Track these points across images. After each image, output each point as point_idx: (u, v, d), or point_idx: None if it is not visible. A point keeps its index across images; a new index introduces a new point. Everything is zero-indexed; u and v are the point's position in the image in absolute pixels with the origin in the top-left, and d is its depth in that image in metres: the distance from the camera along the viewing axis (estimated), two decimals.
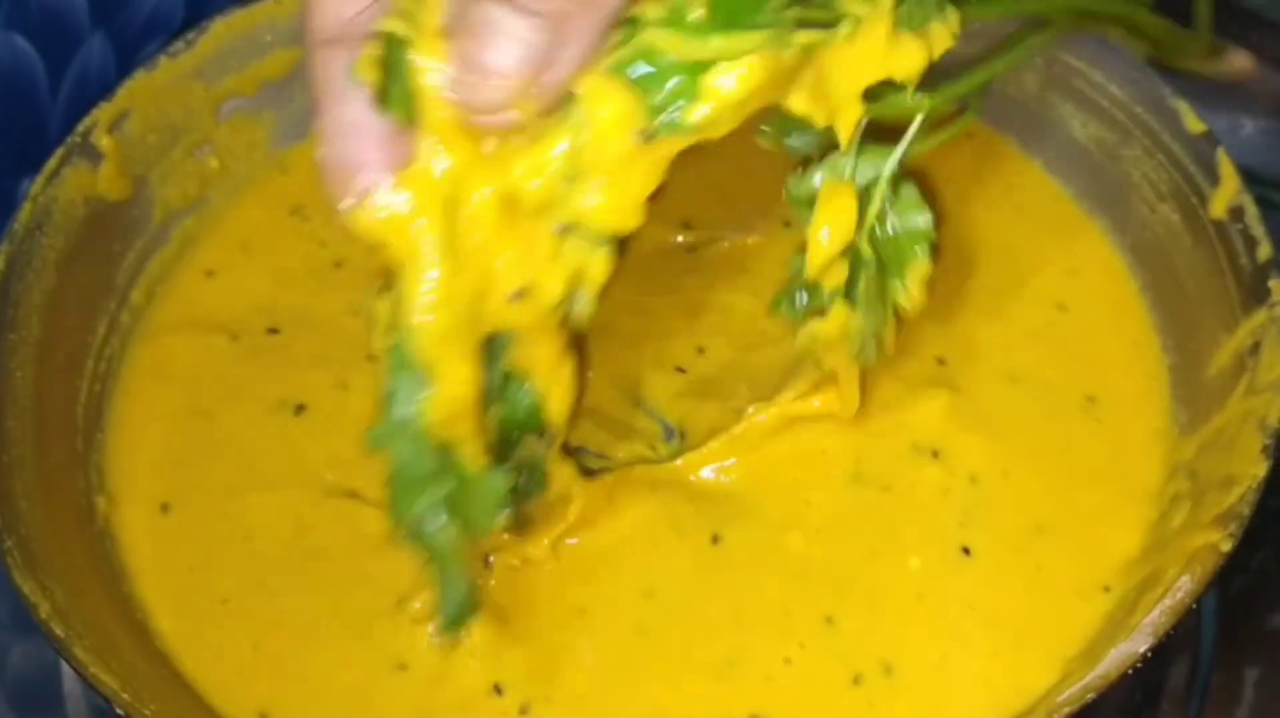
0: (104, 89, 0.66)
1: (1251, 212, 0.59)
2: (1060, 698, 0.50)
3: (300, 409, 0.62)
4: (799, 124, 0.48)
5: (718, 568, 0.57)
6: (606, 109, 0.44)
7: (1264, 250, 0.58)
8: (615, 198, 0.45)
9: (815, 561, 0.57)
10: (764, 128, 0.50)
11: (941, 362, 0.62)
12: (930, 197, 0.52)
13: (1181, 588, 0.51)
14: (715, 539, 0.57)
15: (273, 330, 0.65)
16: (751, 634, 0.55)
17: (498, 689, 0.55)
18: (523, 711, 0.54)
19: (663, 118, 0.44)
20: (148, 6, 0.76)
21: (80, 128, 0.64)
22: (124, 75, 0.67)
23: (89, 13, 0.73)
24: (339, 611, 0.57)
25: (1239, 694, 0.63)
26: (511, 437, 0.52)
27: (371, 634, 0.56)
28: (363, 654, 0.56)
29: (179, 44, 0.67)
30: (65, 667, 0.63)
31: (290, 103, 0.70)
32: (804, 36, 0.45)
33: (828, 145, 0.50)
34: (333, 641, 0.56)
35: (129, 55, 0.76)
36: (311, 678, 0.55)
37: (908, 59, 0.48)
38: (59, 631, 0.52)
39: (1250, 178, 0.60)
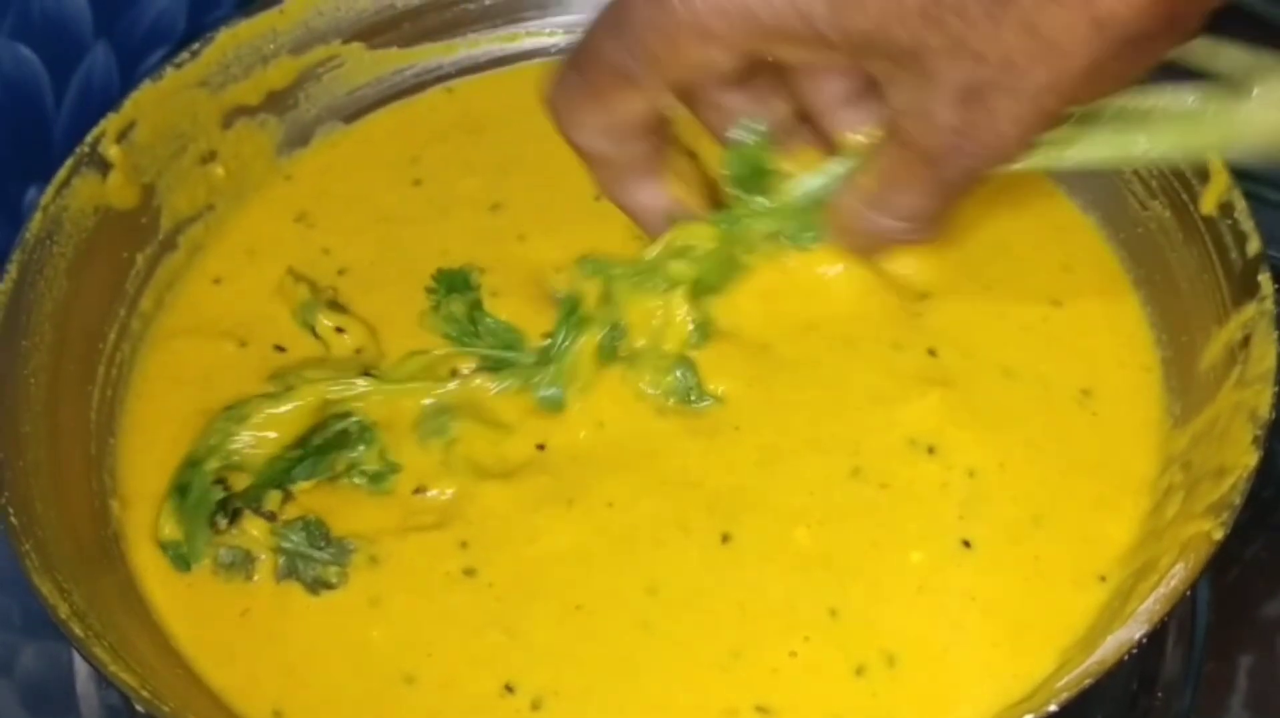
0: (107, 98, 0.67)
1: (1241, 207, 0.60)
2: (1059, 684, 0.51)
3: None
4: None
5: (723, 563, 0.58)
6: None
7: (1253, 245, 0.59)
8: None
9: (819, 554, 0.57)
10: None
11: (932, 353, 0.62)
12: None
13: (1175, 576, 0.52)
14: (725, 538, 0.58)
15: (279, 348, 0.65)
16: (756, 627, 0.56)
17: (509, 688, 0.55)
18: (535, 706, 0.55)
19: None
20: (150, 15, 0.76)
21: (89, 138, 0.65)
22: (127, 84, 0.67)
23: (92, 22, 0.73)
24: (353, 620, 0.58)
25: (1233, 683, 0.64)
26: None
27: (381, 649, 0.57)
28: (374, 668, 0.56)
29: (184, 54, 0.68)
30: (77, 667, 0.64)
31: (295, 110, 0.71)
32: None
33: None
34: (347, 649, 0.57)
35: (132, 64, 0.76)
36: (325, 684, 0.56)
37: None
38: (78, 630, 0.53)
39: (1242, 175, 0.61)
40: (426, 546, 0.58)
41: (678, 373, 0.61)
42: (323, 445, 0.60)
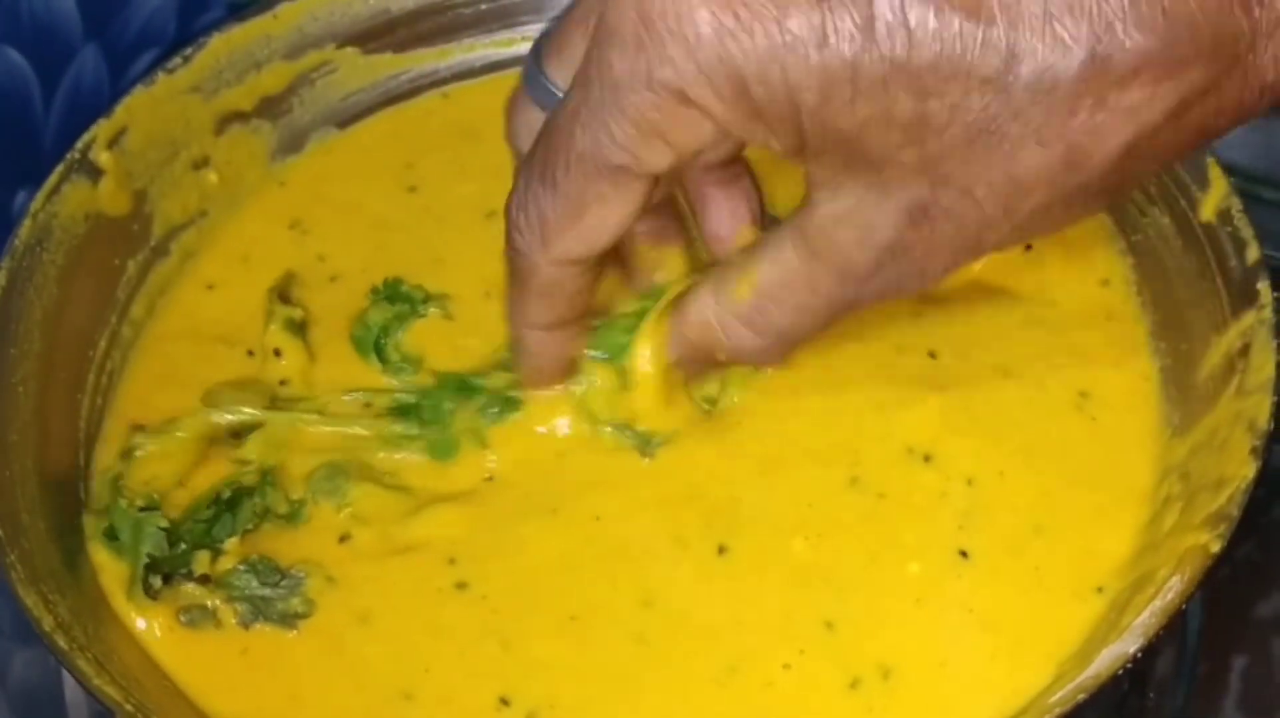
0: (97, 101, 0.67)
1: (1240, 215, 0.59)
2: (1052, 699, 0.51)
3: None
4: None
5: (719, 575, 0.57)
6: None
7: (1252, 253, 0.59)
8: None
9: (816, 566, 0.57)
10: None
11: (933, 355, 0.62)
12: None
13: (1171, 589, 0.51)
14: (722, 550, 0.58)
15: (250, 354, 0.65)
16: (752, 641, 0.55)
17: (505, 702, 0.55)
18: None
19: None
20: (140, 18, 0.76)
21: (79, 144, 0.64)
22: (117, 87, 0.67)
23: (81, 24, 0.73)
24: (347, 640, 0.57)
25: (1225, 684, 0.63)
26: None
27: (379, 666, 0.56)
28: (373, 686, 0.56)
29: (176, 59, 0.67)
30: (67, 676, 0.64)
31: (288, 116, 0.71)
32: None
33: None
34: (346, 669, 0.56)
35: (122, 67, 0.76)
36: (328, 705, 0.55)
37: None
38: (63, 643, 0.52)
39: (1234, 173, 0.60)
40: (411, 565, 0.58)
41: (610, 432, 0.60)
42: (232, 499, 0.59)
